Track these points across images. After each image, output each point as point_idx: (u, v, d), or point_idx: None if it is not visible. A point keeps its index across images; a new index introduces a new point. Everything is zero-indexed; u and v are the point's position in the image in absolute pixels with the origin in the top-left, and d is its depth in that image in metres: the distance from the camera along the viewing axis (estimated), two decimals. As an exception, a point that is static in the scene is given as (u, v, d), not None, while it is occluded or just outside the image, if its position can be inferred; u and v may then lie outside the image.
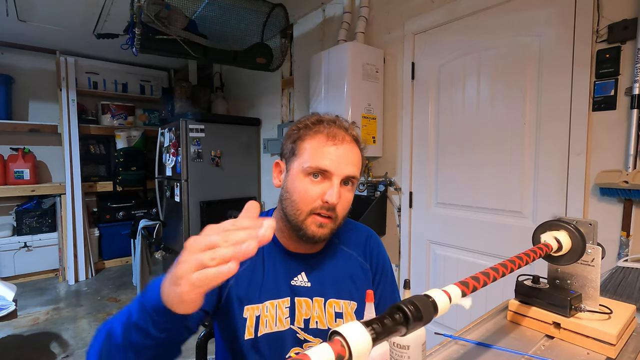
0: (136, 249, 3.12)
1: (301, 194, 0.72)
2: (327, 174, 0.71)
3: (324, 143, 0.72)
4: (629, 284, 1.07)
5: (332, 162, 0.71)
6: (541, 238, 0.73)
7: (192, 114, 3.09)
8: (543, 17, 1.49)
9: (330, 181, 0.71)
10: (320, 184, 0.71)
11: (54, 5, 2.79)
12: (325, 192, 0.71)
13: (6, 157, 3.53)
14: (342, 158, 0.72)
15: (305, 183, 0.72)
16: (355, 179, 0.75)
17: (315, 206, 0.71)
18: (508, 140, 1.62)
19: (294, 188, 0.73)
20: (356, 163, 0.75)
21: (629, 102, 1.26)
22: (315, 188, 0.71)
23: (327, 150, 0.72)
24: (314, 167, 0.71)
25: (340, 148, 0.72)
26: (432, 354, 0.68)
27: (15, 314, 1.79)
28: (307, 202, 0.71)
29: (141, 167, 4.09)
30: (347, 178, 0.73)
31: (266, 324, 0.75)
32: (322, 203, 0.71)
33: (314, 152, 0.72)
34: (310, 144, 0.73)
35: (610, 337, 0.65)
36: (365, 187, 2.23)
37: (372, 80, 2.10)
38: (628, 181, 1.22)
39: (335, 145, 0.72)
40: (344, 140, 0.74)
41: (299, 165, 0.73)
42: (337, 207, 0.72)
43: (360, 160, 0.77)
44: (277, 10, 2.40)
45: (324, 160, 0.71)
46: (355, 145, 0.77)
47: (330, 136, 0.73)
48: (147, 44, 1.95)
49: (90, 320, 2.77)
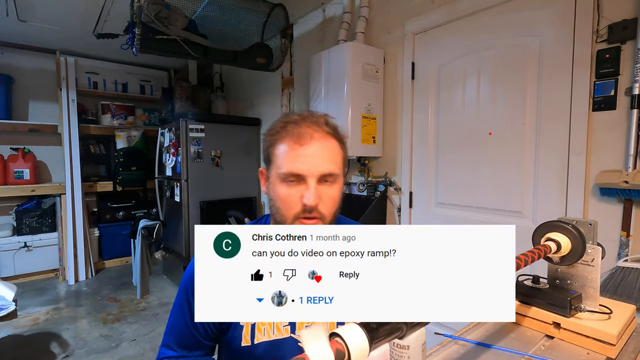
0: (136, 249, 3.12)
1: (282, 201, 0.71)
2: (301, 176, 0.69)
3: (292, 146, 0.70)
4: (629, 284, 1.07)
5: (303, 164, 0.69)
6: (541, 239, 0.73)
7: (192, 114, 3.09)
8: (543, 17, 1.49)
9: (306, 183, 0.69)
10: (297, 187, 0.70)
11: (54, 5, 2.79)
12: (304, 195, 0.69)
13: (6, 157, 3.53)
14: (312, 158, 0.69)
15: (283, 189, 0.70)
16: (333, 175, 0.71)
17: (297, 211, 0.70)
18: (508, 140, 1.62)
19: (276, 195, 0.72)
20: (332, 158, 0.71)
21: (629, 102, 1.26)
22: (294, 192, 0.70)
23: (296, 153, 0.69)
24: (286, 172, 0.69)
25: (309, 148, 0.69)
26: (432, 354, 0.68)
27: (15, 314, 1.79)
28: (289, 207, 0.70)
29: (141, 167, 4.09)
30: (323, 176, 0.70)
31: (264, 332, 0.75)
32: (303, 206, 0.69)
33: (285, 157, 0.70)
34: (280, 150, 0.71)
35: (610, 337, 0.65)
36: (365, 187, 2.23)
37: (372, 80, 2.10)
38: (628, 181, 1.22)
39: (302, 146, 0.69)
40: (313, 138, 0.70)
41: (275, 173, 0.72)
42: (320, 206, 0.70)
43: (337, 152, 0.73)
44: (277, 10, 2.40)
45: (294, 164, 0.69)
46: (330, 139, 0.73)
47: (297, 137, 0.70)
48: (147, 44, 1.95)
49: (90, 320, 2.77)
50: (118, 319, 2.78)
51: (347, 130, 2.01)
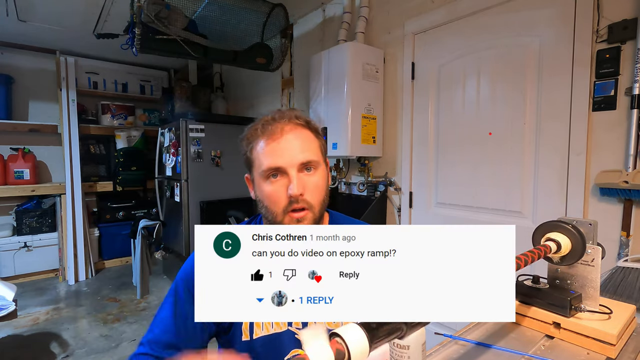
0: (136, 249, 3.12)
1: (269, 198, 0.73)
2: (282, 169, 0.72)
3: (266, 143, 0.73)
4: (629, 284, 1.07)
5: (280, 157, 0.72)
6: (541, 239, 0.73)
7: (192, 114, 3.09)
8: (543, 17, 1.49)
9: (288, 175, 0.72)
10: (280, 181, 0.72)
11: (54, 5, 2.79)
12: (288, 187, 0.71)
13: (6, 157, 3.53)
14: (287, 150, 0.72)
15: (267, 186, 0.73)
16: (312, 162, 0.73)
17: (285, 204, 0.72)
18: (508, 140, 1.62)
19: (262, 194, 0.75)
20: (306, 147, 0.74)
21: (629, 102, 1.26)
22: (278, 187, 0.72)
23: (271, 148, 0.73)
24: (266, 169, 0.72)
25: (282, 141, 0.73)
26: (432, 354, 0.68)
27: (15, 314, 1.79)
28: (277, 203, 0.72)
29: (141, 167, 4.09)
30: (303, 165, 0.72)
31: (262, 326, 0.76)
32: (289, 198, 0.71)
33: (262, 155, 0.74)
34: (257, 149, 0.75)
35: (610, 337, 0.65)
36: (365, 187, 2.23)
37: (372, 80, 2.10)
38: (628, 181, 1.22)
39: (275, 140, 0.73)
40: (283, 132, 0.73)
41: (257, 173, 0.75)
42: (306, 195, 0.72)
43: (312, 140, 0.76)
44: (277, 10, 2.40)
45: (272, 158, 0.72)
46: (302, 129, 0.75)
47: (269, 135, 0.74)
48: (147, 44, 1.95)
49: (90, 320, 2.77)
50: (118, 319, 2.78)
51: (347, 130, 2.02)
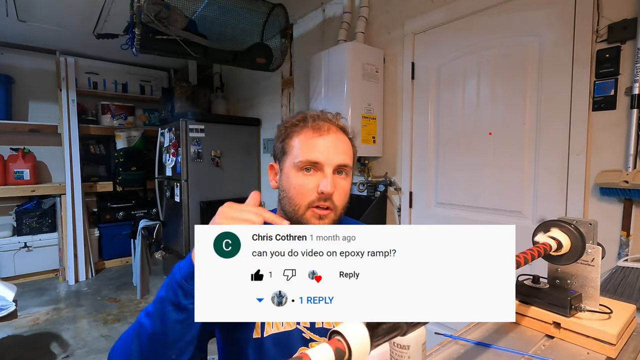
0: (136, 249, 3.12)
1: (297, 189, 0.73)
2: (319, 165, 0.72)
3: (311, 136, 0.74)
4: (629, 284, 1.07)
5: (321, 153, 0.72)
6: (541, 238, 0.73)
7: (192, 114, 3.09)
8: (543, 17, 1.49)
9: (323, 172, 0.72)
10: (314, 176, 0.72)
11: (54, 5, 2.79)
12: (320, 183, 0.71)
13: (6, 157, 3.53)
14: (330, 148, 0.73)
15: (299, 178, 0.73)
16: (347, 167, 0.75)
17: (312, 199, 0.72)
18: (508, 140, 1.62)
19: (289, 185, 0.74)
20: (346, 151, 0.76)
21: (629, 102, 1.26)
22: (310, 181, 0.72)
23: (315, 142, 0.73)
24: (304, 160, 0.72)
25: (327, 138, 0.73)
26: (432, 353, 0.68)
27: (15, 314, 1.79)
28: (304, 196, 0.72)
29: (141, 167, 4.09)
30: (339, 167, 0.73)
31: (272, 324, 0.75)
32: (319, 194, 0.71)
33: (303, 146, 0.73)
34: (298, 140, 0.75)
35: (611, 337, 0.65)
36: (365, 187, 2.23)
37: (372, 80, 2.10)
38: (628, 181, 1.22)
39: (321, 136, 0.73)
40: (330, 131, 0.75)
41: (290, 162, 0.74)
42: (334, 196, 0.72)
43: (350, 148, 0.78)
44: (277, 10, 2.40)
45: (313, 152, 0.72)
46: (343, 134, 0.77)
47: (315, 129, 0.74)
48: (147, 44, 1.95)
49: (90, 321, 2.77)
50: (118, 319, 2.78)
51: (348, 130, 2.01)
